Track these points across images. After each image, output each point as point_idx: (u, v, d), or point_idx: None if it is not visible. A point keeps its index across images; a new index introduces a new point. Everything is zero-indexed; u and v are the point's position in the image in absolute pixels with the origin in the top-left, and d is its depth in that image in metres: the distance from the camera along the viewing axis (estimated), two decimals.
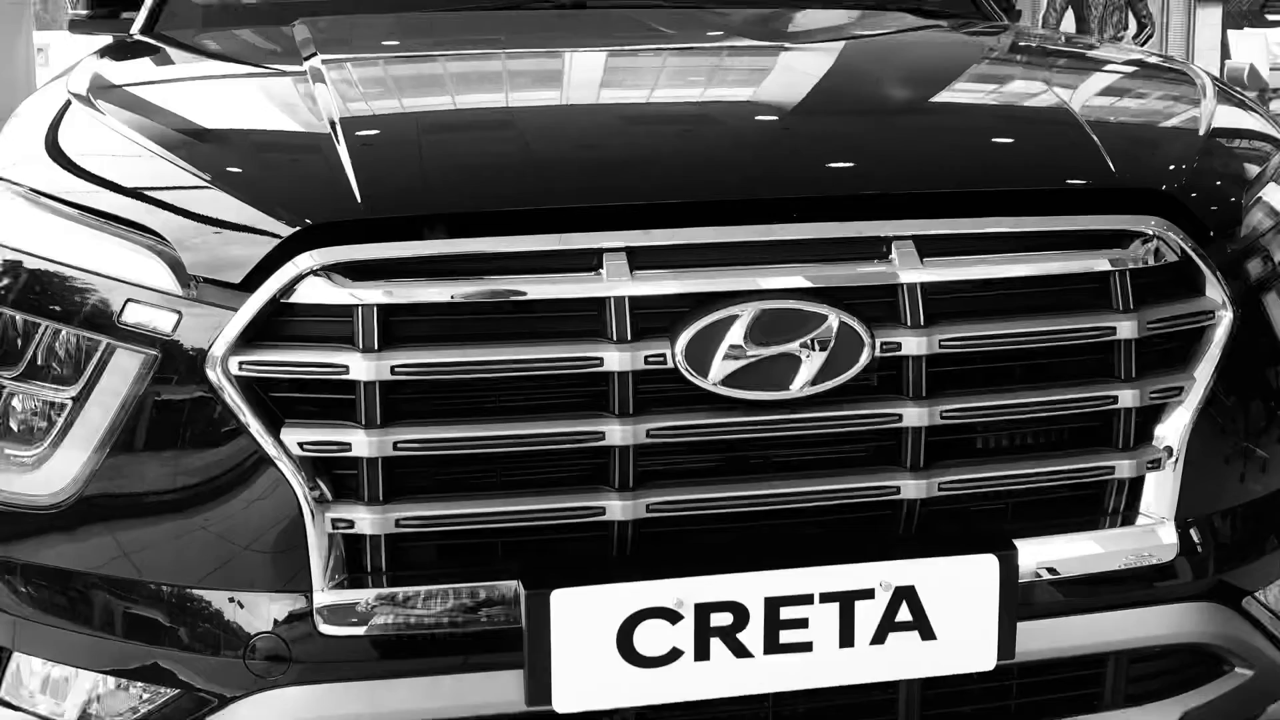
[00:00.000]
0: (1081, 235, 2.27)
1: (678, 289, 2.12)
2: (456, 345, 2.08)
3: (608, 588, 2.06)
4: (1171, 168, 2.43)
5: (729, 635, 2.08)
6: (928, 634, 2.14)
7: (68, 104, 2.69)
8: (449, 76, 3.01)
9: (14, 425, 2.27)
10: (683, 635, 2.07)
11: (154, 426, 2.14)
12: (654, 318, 2.12)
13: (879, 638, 2.13)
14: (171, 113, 2.65)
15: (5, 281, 2.29)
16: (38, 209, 2.33)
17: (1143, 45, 12.02)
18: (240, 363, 2.07)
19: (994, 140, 2.59)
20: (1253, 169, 2.55)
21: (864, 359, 2.13)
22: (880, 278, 2.16)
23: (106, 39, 3.80)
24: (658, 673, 2.08)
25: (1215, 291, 2.30)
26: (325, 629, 2.09)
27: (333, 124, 2.38)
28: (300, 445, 2.07)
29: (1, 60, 12.85)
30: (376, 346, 2.06)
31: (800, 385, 2.12)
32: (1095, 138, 2.44)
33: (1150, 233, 2.27)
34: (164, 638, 2.15)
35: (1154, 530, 2.29)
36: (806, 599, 2.10)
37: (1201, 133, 2.59)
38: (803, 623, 2.10)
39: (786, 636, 2.10)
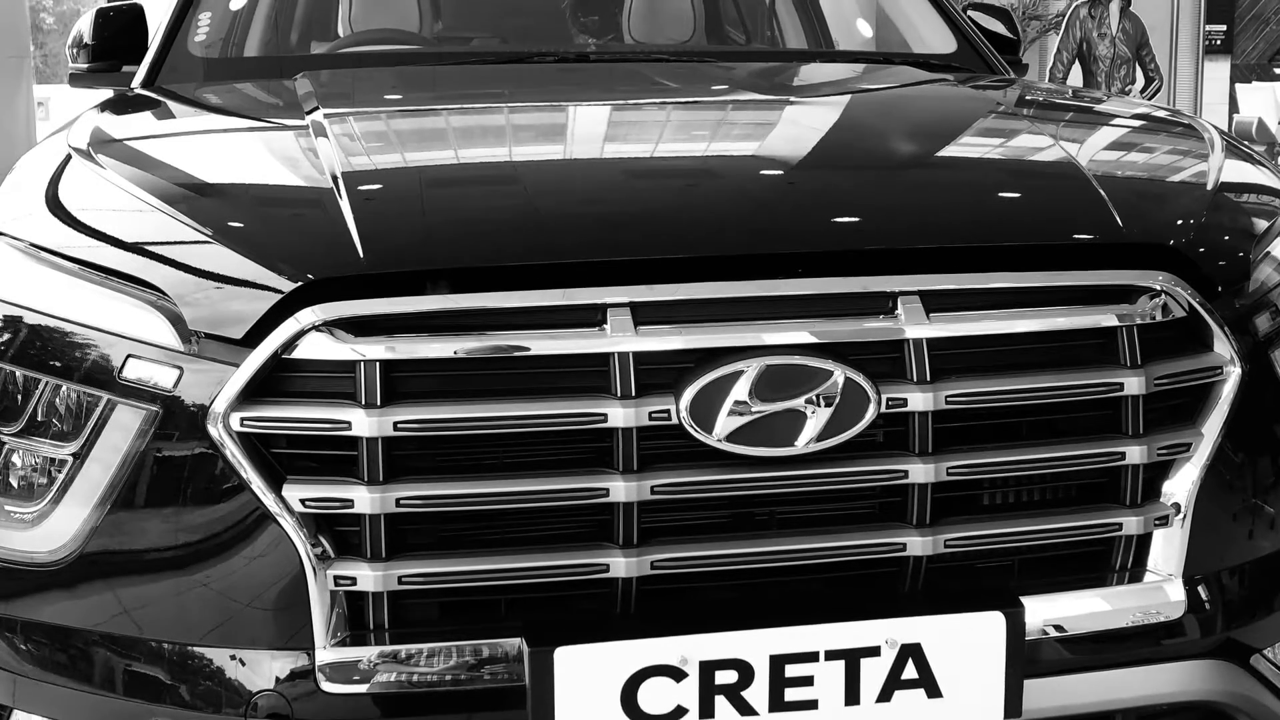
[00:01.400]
0: (1088, 290, 2.25)
1: (682, 344, 2.10)
2: (460, 401, 2.07)
3: (612, 645, 2.04)
4: (1179, 223, 2.42)
5: (734, 693, 2.07)
6: (934, 692, 2.12)
7: (68, 158, 2.68)
8: (452, 131, 3.01)
9: (13, 481, 2.26)
10: (687, 693, 2.05)
11: (155, 483, 2.13)
12: (658, 373, 2.11)
13: (885, 695, 2.11)
14: (173, 167, 2.65)
15: (5, 337, 2.28)
16: (38, 264, 2.32)
17: (1150, 99, 12.06)
18: (242, 419, 2.06)
19: (1000, 195, 2.59)
20: (1261, 224, 2.55)
21: (870, 415, 2.12)
22: (886, 333, 2.15)
23: (107, 93, 3.81)
24: None
25: (1223, 347, 2.29)
26: (327, 686, 2.08)
27: (335, 178, 2.38)
28: (302, 502, 2.06)
29: (1, 114, 12.87)
30: (379, 402, 2.05)
31: (806, 441, 2.11)
32: (1102, 192, 2.44)
33: (1158, 288, 2.26)
34: (165, 695, 2.14)
35: (1161, 587, 2.27)
36: (812, 656, 2.08)
37: (1209, 187, 2.58)
38: (808, 680, 2.08)
39: (792, 694, 2.08)
